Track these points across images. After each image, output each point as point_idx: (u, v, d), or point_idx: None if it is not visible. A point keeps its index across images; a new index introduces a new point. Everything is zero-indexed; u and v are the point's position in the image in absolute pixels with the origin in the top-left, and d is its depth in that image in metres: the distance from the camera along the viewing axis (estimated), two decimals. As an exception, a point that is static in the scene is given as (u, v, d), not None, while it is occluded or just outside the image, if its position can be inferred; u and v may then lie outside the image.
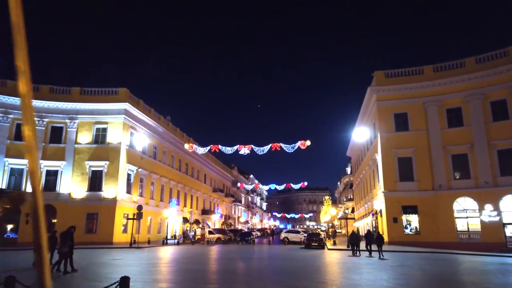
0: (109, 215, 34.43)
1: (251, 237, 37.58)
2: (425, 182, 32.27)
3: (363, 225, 47.78)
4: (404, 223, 32.32)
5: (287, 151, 35.34)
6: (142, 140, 40.59)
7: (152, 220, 42.07)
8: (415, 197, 32.07)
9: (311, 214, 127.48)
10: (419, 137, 33.08)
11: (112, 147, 36.16)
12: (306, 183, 58.99)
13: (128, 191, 37.40)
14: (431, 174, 32.24)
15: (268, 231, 64.40)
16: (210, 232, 40.82)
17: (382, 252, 22.00)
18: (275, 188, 60.37)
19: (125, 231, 36.23)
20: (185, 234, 40.69)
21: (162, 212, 42.79)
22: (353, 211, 66.08)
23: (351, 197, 70.79)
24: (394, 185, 33.06)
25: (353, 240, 24.56)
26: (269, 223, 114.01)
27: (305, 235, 36.26)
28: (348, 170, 75.04)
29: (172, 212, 38.43)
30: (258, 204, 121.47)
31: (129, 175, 37.75)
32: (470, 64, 32.27)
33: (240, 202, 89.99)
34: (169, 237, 44.91)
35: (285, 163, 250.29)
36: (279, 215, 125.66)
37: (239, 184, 67.26)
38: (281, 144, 35.40)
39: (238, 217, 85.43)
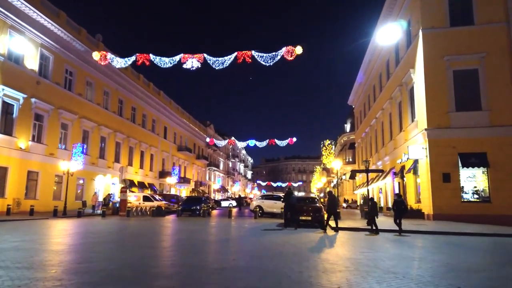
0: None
1: (202, 206, 23.61)
2: (503, 112, 18.57)
3: (374, 192, 34.29)
4: (463, 183, 18.76)
5: (264, 63, 20.99)
6: (39, 54, 25.83)
7: (64, 179, 27.96)
8: (484, 138, 18.46)
9: (300, 183, 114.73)
10: (493, 34, 19.09)
11: (-30, 54, 21.45)
12: (295, 139, 45.80)
13: (7, 132, 23.04)
14: (514, 98, 18.45)
15: (245, 200, 50.73)
16: (146, 199, 26.95)
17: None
18: (255, 144, 46.34)
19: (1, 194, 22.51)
20: (106, 201, 26.79)
21: (83, 170, 28.62)
22: (353, 176, 52.69)
23: (350, 159, 57.41)
24: (445, 119, 19.21)
25: (373, 211, 14.27)
26: (253, 192, 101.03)
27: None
28: (347, 127, 61.06)
29: (74, 165, 24.21)
30: (242, 171, 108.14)
31: (8, 105, 23.27)
32: None
33: (218, 167, 76.18)
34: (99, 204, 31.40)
35: (275, 132, 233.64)
36: (264, 184, 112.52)
37: (208, 140, 52.84)
38: (253, 52, 20.97)
39: (214, 184, 71.85)
